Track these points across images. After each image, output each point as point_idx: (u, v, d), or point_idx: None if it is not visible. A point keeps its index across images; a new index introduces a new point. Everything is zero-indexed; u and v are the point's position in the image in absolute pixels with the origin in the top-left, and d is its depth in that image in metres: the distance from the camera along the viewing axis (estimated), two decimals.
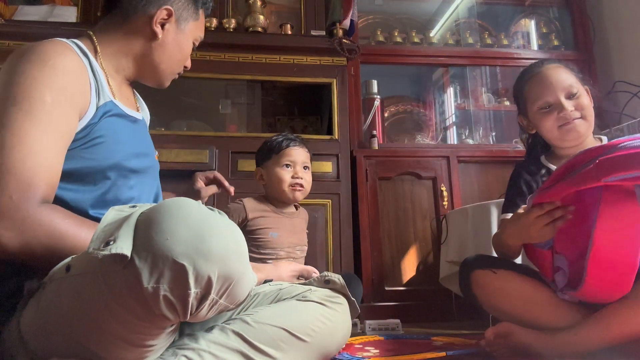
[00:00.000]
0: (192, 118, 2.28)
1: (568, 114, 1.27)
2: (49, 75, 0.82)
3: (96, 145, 0.87)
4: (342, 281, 0.99)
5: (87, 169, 0.86)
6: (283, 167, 1.47)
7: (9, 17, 2.05)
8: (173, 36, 1.01)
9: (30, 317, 0.73)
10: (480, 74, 2.69)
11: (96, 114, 0.88)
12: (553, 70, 1.33)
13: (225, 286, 0.63)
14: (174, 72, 1.07)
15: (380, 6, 2.85)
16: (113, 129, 0.91)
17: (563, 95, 1.29)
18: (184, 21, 1.02)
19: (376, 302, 2.05)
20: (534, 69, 1.36)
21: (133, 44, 0.98)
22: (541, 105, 1.32)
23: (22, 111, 0.78)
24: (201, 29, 1.08)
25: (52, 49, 0.85)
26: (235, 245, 0.64)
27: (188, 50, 1.06)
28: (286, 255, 1.45)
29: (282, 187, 1.47)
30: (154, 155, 1.08)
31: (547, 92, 1.31)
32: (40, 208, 0.75)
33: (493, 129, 2.66)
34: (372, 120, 2.40)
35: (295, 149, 1.50)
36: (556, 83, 1.30)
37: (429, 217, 2.19)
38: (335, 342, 0.94)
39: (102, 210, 0.85)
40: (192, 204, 0.64)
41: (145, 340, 0.67)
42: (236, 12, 2.34)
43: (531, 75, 1.35)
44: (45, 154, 0.78)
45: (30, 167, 0.76)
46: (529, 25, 2.85)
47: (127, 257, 0.59)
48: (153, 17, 0.96)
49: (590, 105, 1.30)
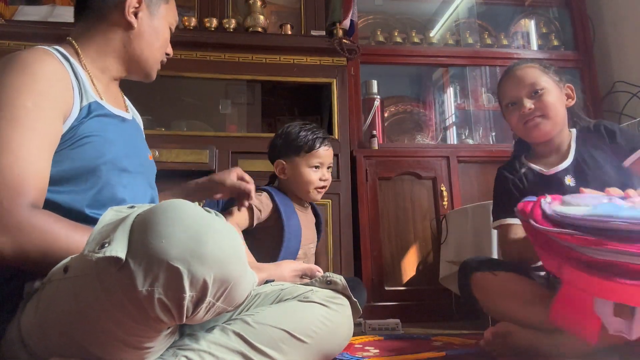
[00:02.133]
0: (192, 118, 2.28)
1: (525, 112, 1.31)
2: (29, 81, 0.82)
3: (84, 145, 0.87)
4: (344, 282, 0.99)
5: (76, 169, 0.86)
6: (312, 169, 1.39)
7: (9, 17, 2.04)
8: (148, 22, 1.01)
9: (30, 317, 0.73)
10: (480, 74, 2.69)
11: (80, 114, 0.88)
12: (521, 69, 1.36)
13: (222, 289, 0.63)
14: (157, 60, 1.07)
15: (380, 6, 2.85)
16: (100, 128, 0.91)
17: (524, 93, 1.33)
18: (154, 5, 1.02)
19: (376, 302, 2.05)
20: (508, 68, 1.41)
21: (112, 40, 0.99)
22: (507, 102, 1.38)
23: (5, 119, 0.78)
24: (173, 12, 1.08)
25: (31, 56, 0.86)
26: (232, 248, 0.64)
27: (166, 35, 1.06)
28: (303, 255, 1.39)
29: (308, 188, 1.40)
30: (146, 156, 1.07)
31: (511, 89, 1.36)
32: (32, 212, 0.75)
33: (493, 129, 2.66)
34: (372, 120, 2.40)
35: (326, 149, 1.42)
36: (519, 81, 1.34)
37: (429, 217, 2.19)
38: (336, 343, 0.93)
39: (99, 210, 0.85)
40: (188, 206, 0.63)
41: (143, 342, 0.67)
42: (236, 12, 2.34)
43: (504, 74, 1.41)
44: (31, 159, 0.78)
45: (18, 173, 0.76)
46: (528, 25, 2.85)
47: (121, 260, 0.58)
48: (124, 7, 0.97)
49: (556, 104, 1.32)
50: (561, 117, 1.33)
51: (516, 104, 1.34)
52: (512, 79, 1.36)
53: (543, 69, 1.35)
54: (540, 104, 1.30)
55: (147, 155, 1.08)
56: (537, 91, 1.31)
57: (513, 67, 1.38)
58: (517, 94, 1.34)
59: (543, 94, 1.31)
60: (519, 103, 1.33)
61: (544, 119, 1.31)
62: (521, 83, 1.33)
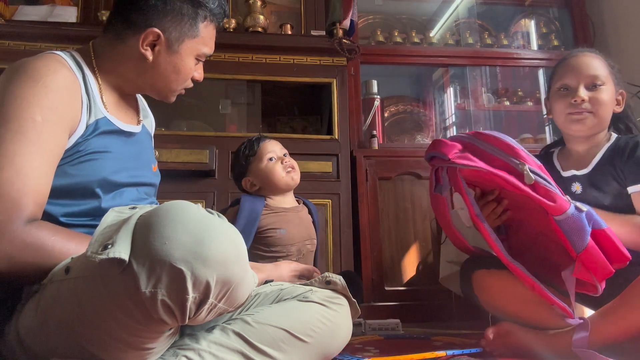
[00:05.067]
0: (192, 118, 2.28)
1: (579, 102, 1.25)
2: (41, 95, 0.81)
3: (83, 162, 0.87)
4: (343, 282, 0.99)
5: (73, 186, 0.86)
6: (268, 161, 1.48)
7: (9, 17, 2.04)
8: (166, 58, 0.96)
9: (29, 318, 0.73)
10: (480, 74, 2.69)
11: (86, 131, 0.88)
12: (586, 57, 1.30)
13: (224, 290, 0.63)
14: (174, 91, 1.02)
15: (380, 6, 2.85)
16: (103, 146, 0.90)
17: (583, 83, 1.26)
18: (176, 41, 0.95)
19: (376, 302, 2.05)
20: (572, 52, 1.34)
21: (126, 65, 0.96)
22: (560, 85, 1.30)
23: (12, 132, 0.78)
24: (205, 44, 1.00)
25: (44, 66, 0.84)
26: (234, 249, 0.64)
27: (186, 70, 0.99)
28: (297, 251, 1.43)
29: (277, 177, 1.47)
30: (150, 168, 1.06)
31: (570, 74, 1.29)
32: (27, 227, 0.75)
33: (493, 129, 2.65)
34: (372, 120, 2.40)
35: (269, 142, 1.52)
36: (581, 69, 1.27)
37: (429, 217, 2.19)
38: (335, 343, 0.94)
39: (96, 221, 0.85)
40: (191, 208, 0.63)
41: (144, 343, 0.67)
42: (236, 12, 2.34)
43: (566, 57, 1.34)
44: (34, 174, 0.78)
45: (18, 187, 0.76)
46: (528, 25, 2.85)
47: (124, 262, 0.59)
48: (139, 39, 0.93)
49: (609, 104, 1.26)
50: (607, 119, 1.27)
51: (569, 89, 1.28)
52: (573, 64, 1.29)
53: (609, 64, 1.30)
54: (595, 99, 1.25)
55: (151, 166, 1.07)
56: (597, 85, 1.25)
57: (577, 53, 1.32)
58: (575, 80, 1.27)
59: (601, 89, 1.25)
60: (573, 90, 1.26)
61: (592, 114, 1.25)
62: (583, 72, 1.26)
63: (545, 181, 0.99)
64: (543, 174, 1.00)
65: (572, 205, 0.97)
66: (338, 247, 2.02)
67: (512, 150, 1.02)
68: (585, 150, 1.31)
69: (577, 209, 0.97)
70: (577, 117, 1.26)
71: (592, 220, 0.98)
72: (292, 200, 1.54)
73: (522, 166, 0.99)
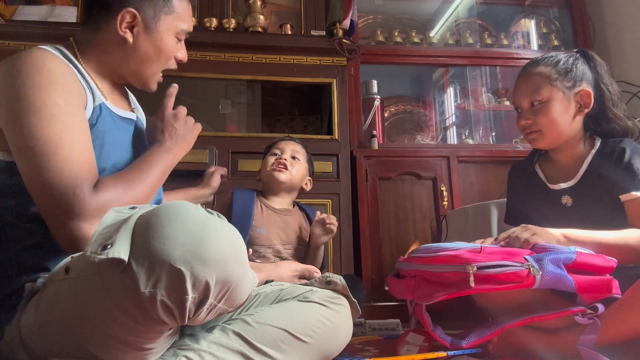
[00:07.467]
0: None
1: (520, 127, 1.28)
2: (50, 80, 0.82)
3: (95, 148, 0.87)
4: (344, 282, 0.99)
5: None
6: (269, 156, 1.53)
7: (9, 17, 2.04)
8: (144, 37, 0.96)
9: (30, 317, 0.73)
10: (480, 74, 2.69)
11: (93, 113, 0.89)
12: (524, 75, 1.29)
13: (223, 291, 0.63)
14: (156, 73, 1.02)
15: (380, 6, 2.85)
16: (110, 131, 0.91)
17: (525, 103, 1.27)
18: (152, 19, 0.96)
19: (376, 302, 2.05)
20: (522, 68, 1.33)
21: (109, 52, 0.96)
22: (515, 107, 1.33)
23: (45, 119, 0.79)
24: (182, 20, 1.00)
25: (41, 56, 0.85)
26: (234, 249, 0.64)
27: (167, 48, 0.99)
28: (274, 253, 1.42)
29: (264, 169, 1.52)
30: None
31: (515, 95, 1.31)
32: (97, 191, 0.79)
33: (493, 129, 2.66)
34: (372, 120, 2.40)
35: (284, 141, 1.56)
36: (520, 90, 1.28)
37: (429, 217, 2.19)
38: (336, 343, 0.94)
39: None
40: (190, 208, 0.63)
41: (144, 343, 0.67)
42: (236, 12, 2.34)
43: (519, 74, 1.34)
44: (81, 149, 0.81)
45: (76, 162, 0.79)
46: (529, 25, 2.85)
47: (124, 262, 0.59)
48: (117, 22, 0.93)
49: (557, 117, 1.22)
50: (560, 131, 1.24)
51: (519, 110, 1.30)
52: (519, 83, 1.30)
53: (552, 74, 1.24)
54: (537, 119, 1.24)
55: None
56: (535, 104, 1.25)
57: (523, 69, 1.31)
58: (519, 102, 1.29)
59: (542, 107, 1.24)
60: (522, 110, 1.28)
61: (539, 134, 1.25)
62: (524, 91, 1.27)
63: (499, 268, 0.98)
64: (497, 262, 0.99)
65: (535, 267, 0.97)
66: (338, 247, 2.02)
67: (455, 259, 1.02)
68: (569, 159, 1.29)
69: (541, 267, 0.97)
70: (531, 137, 1.28)
71: (560, 261, 0.99)
72: (284, 202, 1.52)
73: (469, 268, 0.99)
